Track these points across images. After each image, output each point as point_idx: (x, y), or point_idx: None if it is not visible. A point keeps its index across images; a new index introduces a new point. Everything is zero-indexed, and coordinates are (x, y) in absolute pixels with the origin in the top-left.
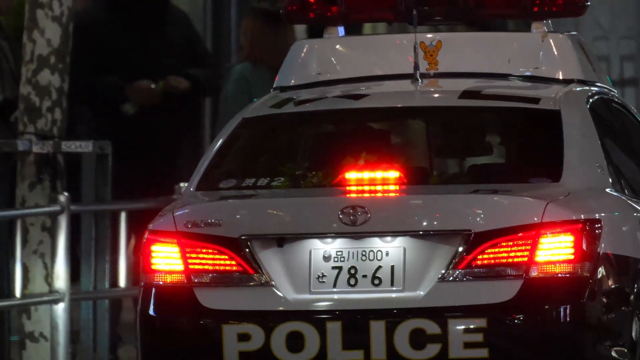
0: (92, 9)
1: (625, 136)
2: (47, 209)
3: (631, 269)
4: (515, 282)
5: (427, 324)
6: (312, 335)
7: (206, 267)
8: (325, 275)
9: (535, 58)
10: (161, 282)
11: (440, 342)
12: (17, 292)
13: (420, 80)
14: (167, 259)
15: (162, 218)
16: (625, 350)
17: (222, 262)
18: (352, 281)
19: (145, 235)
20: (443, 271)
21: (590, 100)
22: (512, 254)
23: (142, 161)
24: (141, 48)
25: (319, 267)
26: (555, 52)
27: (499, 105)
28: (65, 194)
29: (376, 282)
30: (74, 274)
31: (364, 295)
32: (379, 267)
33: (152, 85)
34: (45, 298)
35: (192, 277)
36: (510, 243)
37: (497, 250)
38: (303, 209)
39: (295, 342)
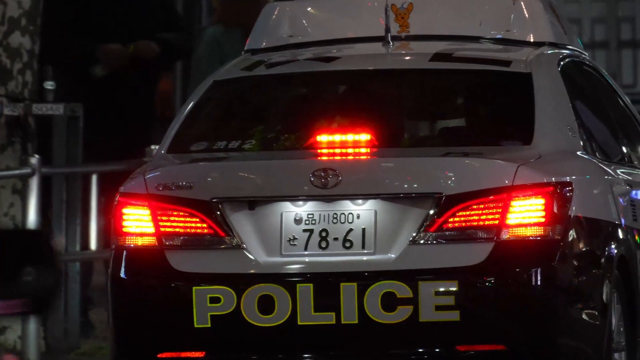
0: None
1: (596, 99)
2: (18, 171)
3: (602, 231)
4: (487, 244)
5: (398, 287)
6: (283, 298)
7: (177, 229)
8: (296, 238)
9: (507, 21)
10: (132, 245)
11: (412, 305)
12: None
13: (391, 42)
14: (138, 221)
15: (133, 181)
16: (596, 313)
17: (193, 224)
18: (324, 244)
19: (116, 198)
20: (414, 234)
21: (562, 63)
22: (483, 217)
23: (112, 124)
24: (113, 11)
25: (290, 229)
26: (527, 15)
27: (470, 68)
28: (36, 156)
29: (347, 245)
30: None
31: (335, 258)
32: (350, 229)
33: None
34: None
35: (163, 240)
36: (482, 206)
37: (468, 213)
38: (274, 172)
39: (266, 304)
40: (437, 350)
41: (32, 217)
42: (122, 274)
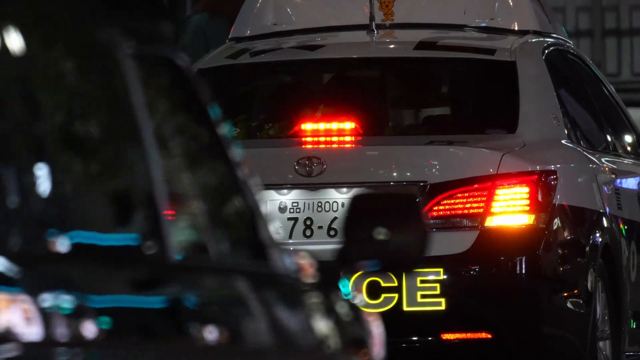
0: None
1: (581, 87)
2: None
3: (586, 220)
4: (471, 233)
5: (382, 276)
6: None
7: None
8: (280, 226)
9: (491, 9)
10: None
11: (396, 294)
12: None
13: (375, 31)
14: None
15: None
16: (581, 302)
17: None
18: (308, 232)
19: None
20: None
21: (546, 51)
22: (467, 205)
23: None
24: None
25: (275, 218)
26: (511, 3)
27: (454, 56)
28: None
29: (332, 233)
30: None
31: (319, 247)
32: (335, 218)
33: None
34: None
35: None
36: (466, 194)
37: (452, 201)
38: (259, 160)
39: None
40: (422, 339)
41: None
42: None
